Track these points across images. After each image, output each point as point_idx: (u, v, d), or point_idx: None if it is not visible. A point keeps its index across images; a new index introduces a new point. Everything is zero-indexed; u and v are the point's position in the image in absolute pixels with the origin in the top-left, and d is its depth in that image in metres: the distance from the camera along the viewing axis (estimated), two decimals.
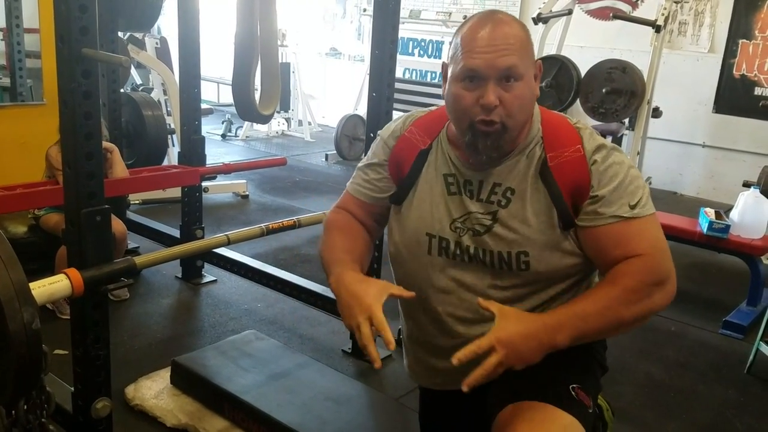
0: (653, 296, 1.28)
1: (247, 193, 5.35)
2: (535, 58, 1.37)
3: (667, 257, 1.32)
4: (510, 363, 1.23)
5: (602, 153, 1.34)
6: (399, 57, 3.06)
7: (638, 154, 5.20)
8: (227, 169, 3.64)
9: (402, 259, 1.49)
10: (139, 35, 5.68)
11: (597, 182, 1.32)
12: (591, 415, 1.37)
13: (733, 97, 6.03)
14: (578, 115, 5.13)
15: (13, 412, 1.60)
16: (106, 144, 3.11)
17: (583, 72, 4.94)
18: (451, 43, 1.36)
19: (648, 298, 1.28)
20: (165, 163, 5.07)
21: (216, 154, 6.37)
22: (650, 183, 6.15)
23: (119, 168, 3.21)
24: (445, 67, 1.37)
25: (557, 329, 1.25)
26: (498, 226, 1.36)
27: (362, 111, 6.11)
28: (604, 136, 1.43)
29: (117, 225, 2.86)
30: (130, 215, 3.97)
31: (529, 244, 1.34)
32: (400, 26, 2.66)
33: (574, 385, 1.35)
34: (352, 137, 6.76)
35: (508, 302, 1.35)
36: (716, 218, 3.54)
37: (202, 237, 3.45)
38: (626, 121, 5.22)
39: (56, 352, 2.49)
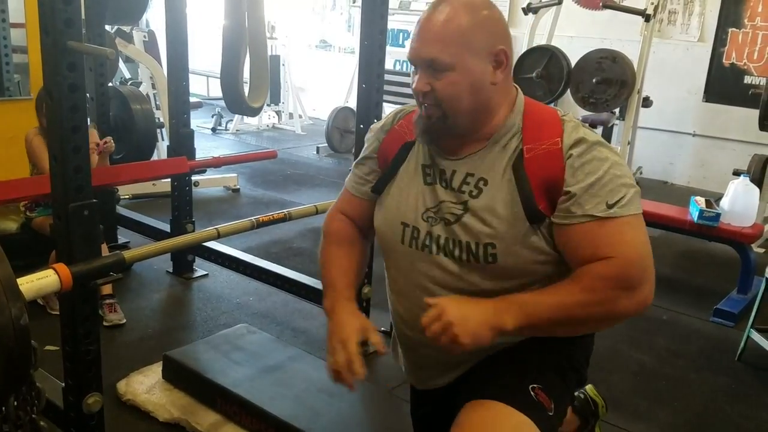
0: (618, 301, 1.23)
1: (237, 186, 5.33)
2: (498, 44, 1.29)
3: (642, 262, 1.24)
4: (457, 331, 1.21)
5: (581, 147, 1.27)
6: (389, 48, 3.03)
7: (629, 143, 5.20)
8: (217, 163, 3.63)
9: (383, 247, 1.50)
10: (126, 28, 5.63)
11: (571, 177, 1.25)
12: (550, 418, 1.32)
13: (723, 85, 6.05)
14: (569, 106, 5.13)
15: (3, 408, 1.59)
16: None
17: (573, 62, 4.94)
18: None
19: (610, 303, 1.24)
20: (154, 157, 5.05)
21: (206, 147, 6.35)
22: (641, 173, 6.18)
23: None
24: None
25: (505, 310, 1.24)
26: (468, 216, 1.33)
27: (353, 103, 6.08)
28: (594, 126, 1.41)
29: None
30: (120, 210, 3.95)
31: (497, 237, 1.30)
32: (390, 17, 2.65)
33: (535, 386, 1.33)
34: (343, 130, 6.74)
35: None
36: (707, 207, 3.55)
37: (193, 231, 3.43)
38: (617, 110, 5.23)
39: (47, 348, 2.48)
